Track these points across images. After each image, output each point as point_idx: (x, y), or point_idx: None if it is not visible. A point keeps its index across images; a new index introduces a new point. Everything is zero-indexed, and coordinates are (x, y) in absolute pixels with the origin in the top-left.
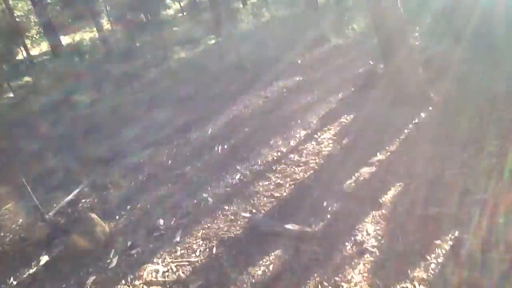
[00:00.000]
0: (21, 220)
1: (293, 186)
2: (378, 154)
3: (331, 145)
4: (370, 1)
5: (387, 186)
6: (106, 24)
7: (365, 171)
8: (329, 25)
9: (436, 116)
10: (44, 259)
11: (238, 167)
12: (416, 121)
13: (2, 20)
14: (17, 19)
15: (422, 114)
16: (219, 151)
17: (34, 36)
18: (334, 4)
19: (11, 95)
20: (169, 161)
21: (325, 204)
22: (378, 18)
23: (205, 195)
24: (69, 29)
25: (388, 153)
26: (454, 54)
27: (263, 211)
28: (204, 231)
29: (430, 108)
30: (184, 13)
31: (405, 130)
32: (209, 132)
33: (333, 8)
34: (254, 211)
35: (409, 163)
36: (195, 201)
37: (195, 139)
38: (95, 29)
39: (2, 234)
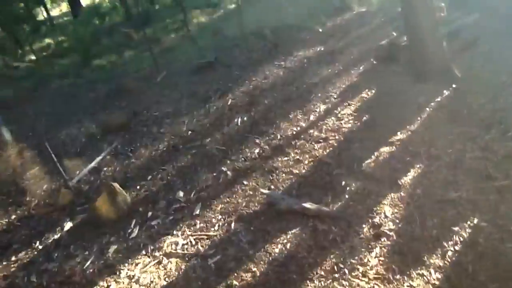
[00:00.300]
0: (45, 186)
1: (312, 163)
2: (398, 133)
3: (351, 121)
4: None
5: (407, 167)
6: None
7: (385, 150)
8: None
9: (460, 94)
10: (68, 225)
11: (257, 141)
12: (439, 99)
13: None
14: None
15: (445, 92)
16: (239, 123)
17: None
18: None
19: (33, 57)
20: (189, 132)
21: (343, 183)
22: None
23: (224, 168)
24: None
25: (409, 132)
26: (481, 27)
27: (281, 188)
28: (223, 205)
29: (454, 85)
30: None
31: (427, 108)
32: (229, 103)
33: None
34: (272, 187)
35: (430, 144)
36: (215, 174)
37: (215, 110)
38: None
39: (28, 198)
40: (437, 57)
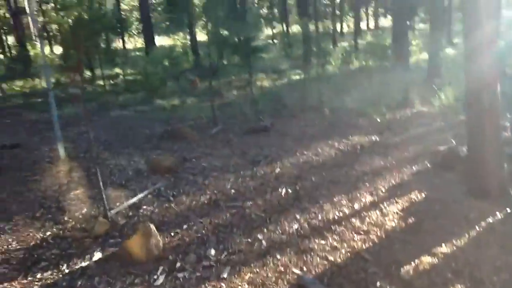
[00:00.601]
0: (85, 210)
1: (349, 253)
2: (443, 244)
3: (396, 220)
4: (469, 67)
5: (447, 285)
6: (200, 32)
7: (427, 260)
8: (415, 87)
9: None
10: (97, 255)
11: (297, 216)
12: (491, 220)
13: (110, 11)
14: (122, 12)
15: (499, 214)
16: (282, 194)
17: (133, 31)
18: (426, 67)
19: (101, 82)
20: (232, 191)
21: (378, 284)
22: (472, 91)
23: (260, 236)
24: (165, 32)
25: (454, 248)
26: None
27: (314, 272)
28: (252, 275)
29: (509, 210)
30: (275, 41)
31: (477, 227)
32: (276, 171)
33: (424, 70)
34: (305, 269)
35: (474, 266)
36: (249, 240)
37: (261, 175)
38: (188, 37)
39: (66, 218)
40: (496, 176)
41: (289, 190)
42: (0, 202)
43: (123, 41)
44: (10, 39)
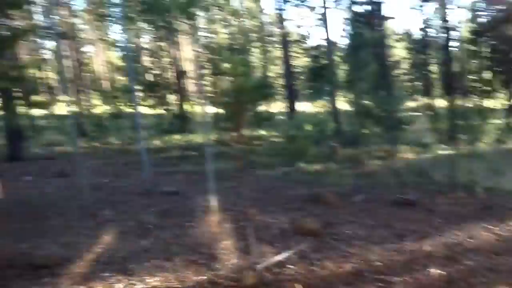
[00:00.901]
0: (233, 261)
1: None
2: None
3: None
4: None
5: None
6: (342, 99)
7: None
8: None
9: None
10: None
11: None
12: None
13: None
14: (268, 79)
15: None
16: (434, 274)
17: (275, 96)
18: None
19: (248, 142)
20: (378, 263)
21: None
22: None
23: None
24: (306, 98)
25: None
26: None
27: None
28: None
29: None
30: (417, 114)
31: None
32: (425, 249)
33: None
34: None
35: None
36: None
37: (409, 251)
38: (329, 105)
39: (217, 266)
40: None
41: (442, 272)
42: (163, 242)
43: (268, 105)
44: (170, 98)
